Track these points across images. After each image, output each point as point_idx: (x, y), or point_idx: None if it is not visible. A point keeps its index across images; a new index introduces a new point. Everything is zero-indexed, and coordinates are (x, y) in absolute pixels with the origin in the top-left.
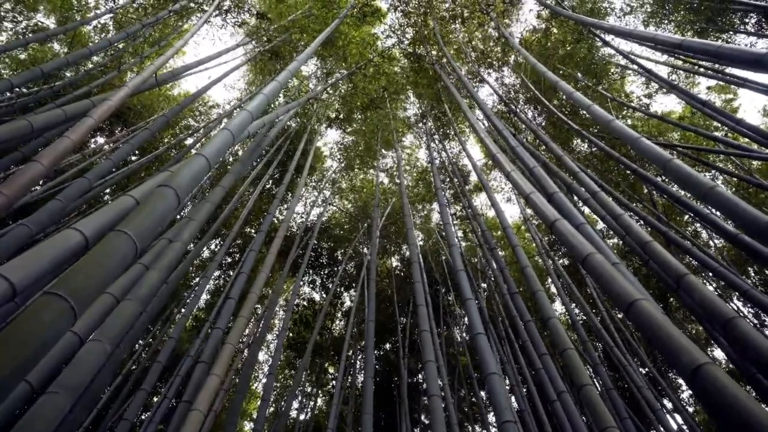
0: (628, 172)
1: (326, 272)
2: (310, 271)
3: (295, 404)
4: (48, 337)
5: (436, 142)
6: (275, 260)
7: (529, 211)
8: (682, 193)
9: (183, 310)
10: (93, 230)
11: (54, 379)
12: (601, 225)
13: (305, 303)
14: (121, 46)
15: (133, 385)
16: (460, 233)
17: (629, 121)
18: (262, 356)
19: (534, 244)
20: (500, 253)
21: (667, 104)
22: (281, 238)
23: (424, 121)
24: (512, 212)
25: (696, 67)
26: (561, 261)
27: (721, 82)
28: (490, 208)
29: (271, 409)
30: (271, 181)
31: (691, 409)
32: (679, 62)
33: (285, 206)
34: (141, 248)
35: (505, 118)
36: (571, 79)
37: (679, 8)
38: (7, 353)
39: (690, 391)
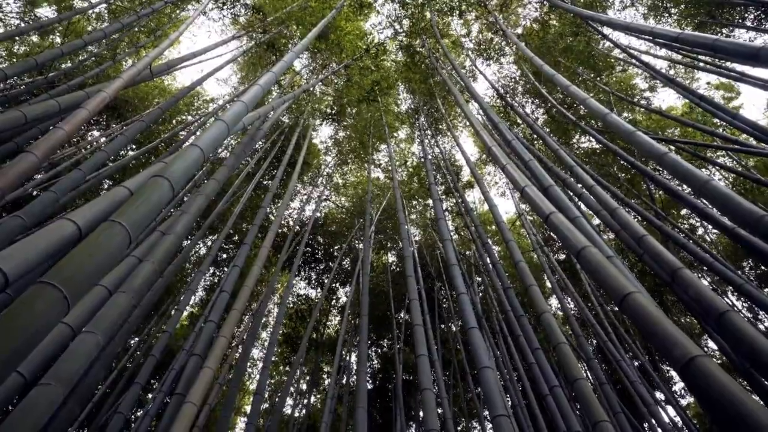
0: (628, 166)
1: (321, 268)
2: (306, 267)
3: (290, 400)
4: (40, 327)
5: (429, 137)
6: (270, 255)
7: (523, 205)
8: (682, 188)
9: (178, 306)
10: (86, 220)
11: (47, 370)
12: (596, 221)
13: (301, 299)
14: (116, 36)
15: (128, 380)
16: (452, 227)
17: (630, 116)
18: (256, 352)
19: (528, 240)
20: (494, 248)
21: (668, 100)
22: (275, 232)
23: (417, 116)
24: (507, 208)
25: (695, 61)
26: (555, 256)
27: (721, 78)
28: (484, 203)
29: (266, 405)
30: (267, 177)
31: (684, 402)
32: (678, 57)
33: (279, 201)
34: (135, 239)
35: (501, 112)
36: (571, 72)
37: (680, 2)
38: None
39: (682, 384)
